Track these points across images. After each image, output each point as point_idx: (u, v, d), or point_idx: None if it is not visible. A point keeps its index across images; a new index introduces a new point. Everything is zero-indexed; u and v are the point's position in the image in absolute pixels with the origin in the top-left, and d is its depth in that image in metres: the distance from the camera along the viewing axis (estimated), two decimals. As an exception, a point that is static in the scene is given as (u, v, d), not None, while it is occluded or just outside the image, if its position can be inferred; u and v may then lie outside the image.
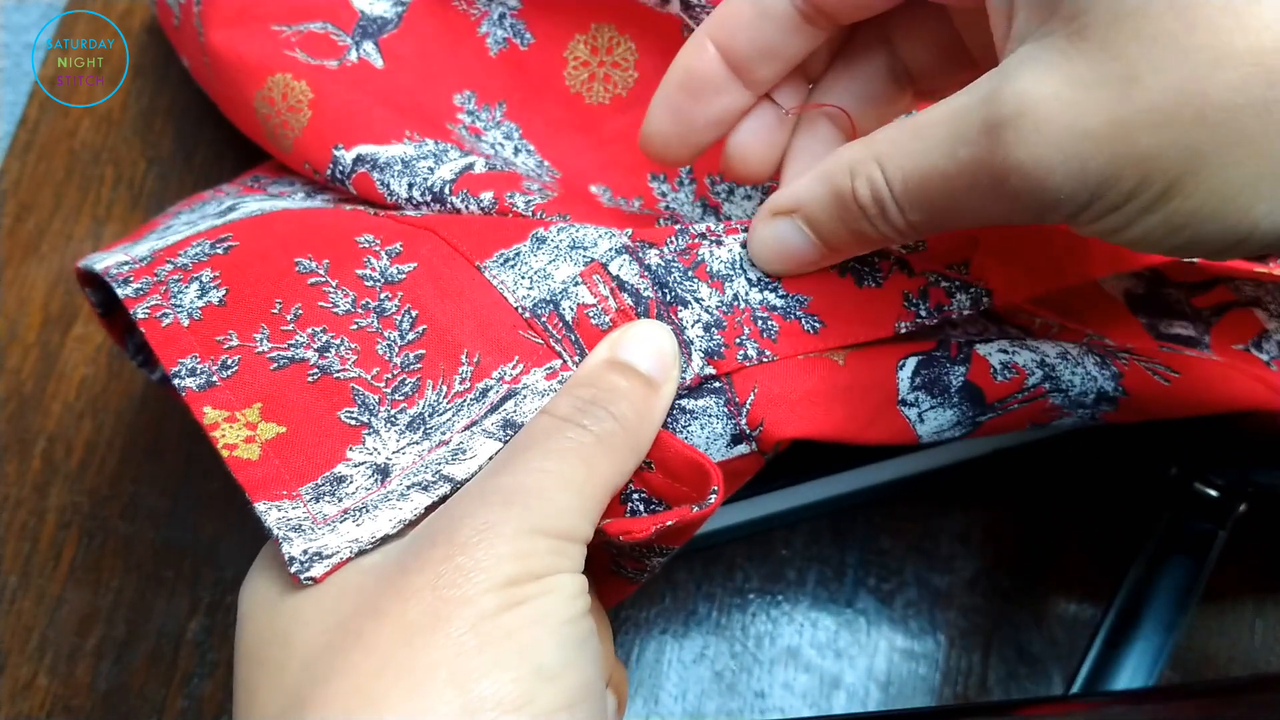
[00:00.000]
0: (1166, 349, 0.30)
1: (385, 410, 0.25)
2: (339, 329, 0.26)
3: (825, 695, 0.37)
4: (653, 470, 0.25)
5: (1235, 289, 0.32)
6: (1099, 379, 0.28)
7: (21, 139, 0.43)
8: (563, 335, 0.26)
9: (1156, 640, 0.33)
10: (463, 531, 0.21)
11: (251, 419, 0.24)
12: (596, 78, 0.35)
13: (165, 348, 0.25)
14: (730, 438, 0.26)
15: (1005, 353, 0.28)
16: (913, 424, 0.28)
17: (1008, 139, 0.20)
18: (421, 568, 0.21)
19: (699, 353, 0.26)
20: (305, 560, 0.22)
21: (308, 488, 0.24)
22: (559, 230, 0.28)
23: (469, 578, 0.21)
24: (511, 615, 0.21)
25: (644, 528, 0.23)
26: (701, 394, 0.26)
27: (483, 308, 0.26)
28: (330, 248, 0.27)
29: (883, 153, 0.23)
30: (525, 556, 0.21)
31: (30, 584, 0.38)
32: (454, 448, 0.25)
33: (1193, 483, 0.34)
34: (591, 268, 0.27)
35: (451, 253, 0.27)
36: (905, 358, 0.28)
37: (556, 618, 0.21)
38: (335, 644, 0.21)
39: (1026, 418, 0.29)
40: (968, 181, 0.22)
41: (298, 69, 0.33)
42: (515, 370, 0.26)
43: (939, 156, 0.22)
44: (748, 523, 0.37)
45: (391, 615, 0.21)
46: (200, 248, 0.27)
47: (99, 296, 0.30)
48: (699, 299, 0.27)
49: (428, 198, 0.30)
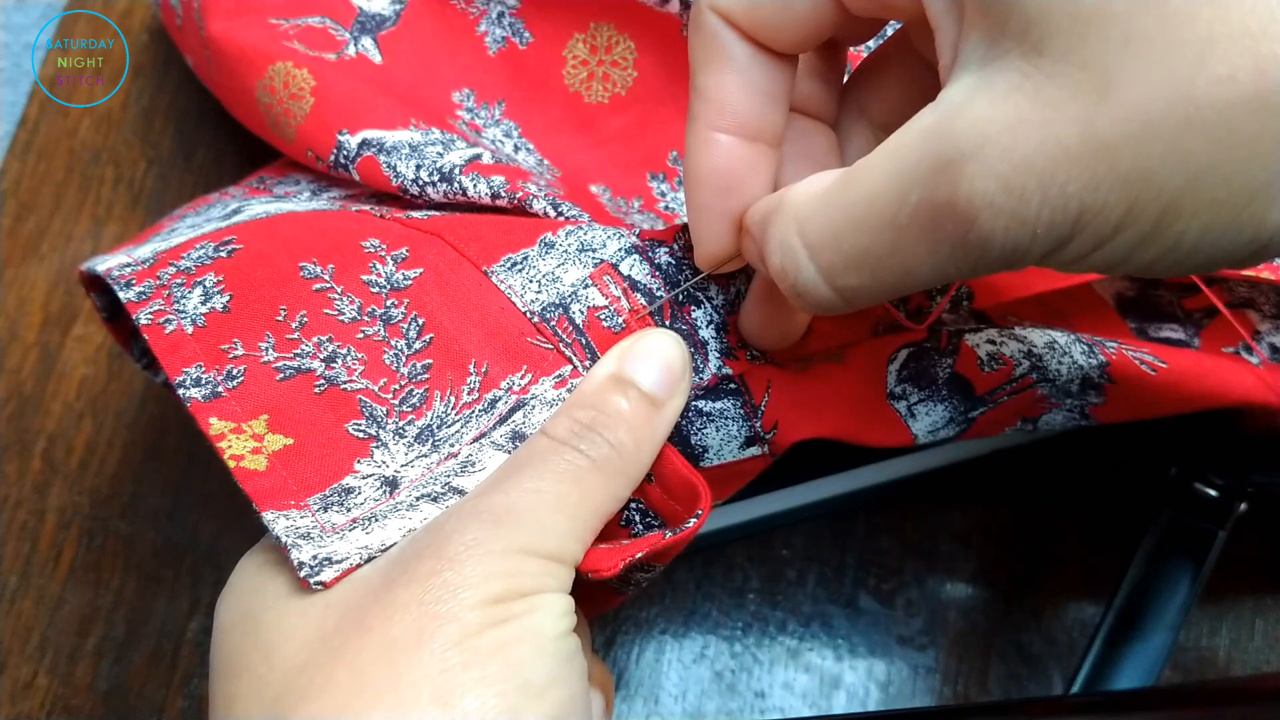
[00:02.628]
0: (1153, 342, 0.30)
1: (393, 423, 0.25)
2: (345, 338, 0.25)
3: (825, 695, 0.37)
4: (653, 483, 0.25)
5: (1228, 289, 0.32)
6: (1085, 366, 0.28)
7: (21, 139, 0.43)
8: (573, 339, 0.26)
9: (1156, 640, 0.33)
10: (451, 547, 0.21)
11: (259, 430, 0.24)
12: (596, 77, 0.35)
13: (169, 356, 0.25)
14: (744, 440, 0.26)
15: (993, 343, 0.28)
16: (904, 418, 0.28)
17: (969, 172, 0.17)
18: (408, 582, 0.21)
19: (715, 353, 0.26)
20: (315, 565, 0.22)
21: (315, 498, 0.23)
22: (567, 234, 0.27)
23: (456, 594, 0.20)
24: (498, 631, 0.20)
25: (612, 566, 0.23)
26: (720, 396, 0.26)
27: (490, 314, 0.26)
28: (336, 252, 0.27)
29: (805, 214, 0.21)
30: (513, 575, 0.21)
31: (30, 584, 0.38)
32: (463, 460, 0.24)
33: (1193, 483, 0.34)
34: (602, 269, 0.26)
35: (458, 258, 0.27)
36: (897, 350, 0.28)
37: (544, 634, 0.21)
38: (318, 659, 0.21)
39: (1015, 410, 0.29)
40: (924, 232, 0.19)
41: (298, 58, 0.33)
42: (524, 380, 0.25)
43: (885, 207, 0.19)
44: (748, 523, 0.37)
45: (376, 631, 0.20)
46: (204, 250, 0.27)
47: (104, 301, 0.30)
48: (709, 297, 0.26)
49: (435, 178, 0.30)
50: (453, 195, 0.30)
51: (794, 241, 0.21)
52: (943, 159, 0.18)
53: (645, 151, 0.35)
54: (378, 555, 0.23)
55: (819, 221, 0.20)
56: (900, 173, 0.19)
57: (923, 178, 0.18)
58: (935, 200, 0.18)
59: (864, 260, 0.20)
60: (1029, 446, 0.37)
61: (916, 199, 0.18)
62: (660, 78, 0.35)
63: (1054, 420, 0.30)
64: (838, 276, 0.20)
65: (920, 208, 0.18)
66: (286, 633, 0.22)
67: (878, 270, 0.20)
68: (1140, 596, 0.33)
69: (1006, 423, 0.30)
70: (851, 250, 0.20)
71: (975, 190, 0.17)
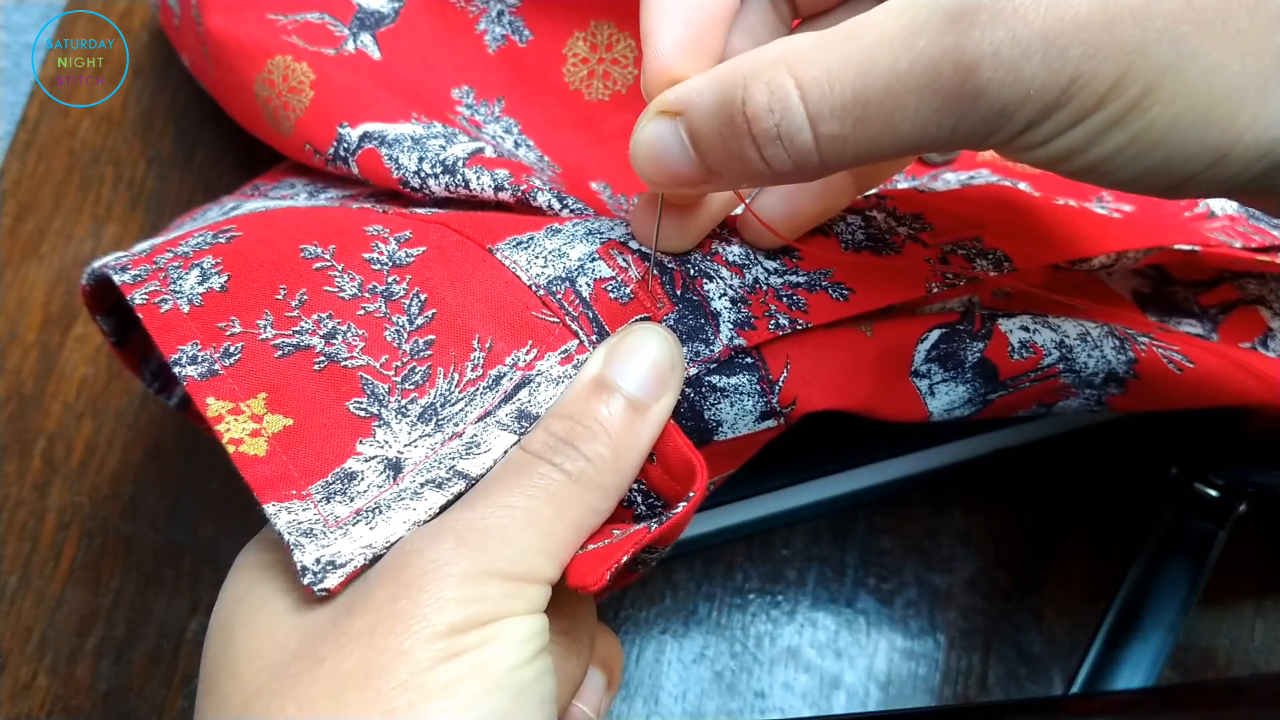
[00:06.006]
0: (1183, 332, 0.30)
1: (395, 400, 0.24)
2: (345, 314, 0.25)
3: (825, 695, 0.37)
4: (654, 463, 0.25)
5: (1240, 286, 0.32)
6: (1113, 361, 0.28)
7: (21, 139, 0.43)
8: (579, 312, 0.25)
9: (1156, 640, 0.33)
10: (408, 571, 0.21)
11: (257, 410, 0.23)
12: (596, 74, 0.35)
13: (164, 334, 0.24)
14: (759, 414, 0.26)
15: (1026, 330, 0.28)
16: (923, 396, 0.28)
17: (981, 21, 0.18)
18: (364, 609, 0.21)
19: (727, 324, 0.25)
20: (319, 571, 0.22)
21: (318, 486, 0.23)
22: (574, 224, 0.27)
23: (408, 625, 0.20)
24: (449, 667, 0.20)
25: (598, 579, 0.22)
26: (734, 371, 0.26)
27: (494, 288, 0.25)
28: (338, 234, 0.26)
29: (796, 58, 0.20)
30: (472, 601, 0.21)
31: (30, 584, 0.38)
32: (467, 441, 0.24)
33: (1193, 483, 0.34)
34: (609, 244, 0.26)
35: (462, 239, 0.27)
36: (929, 330, 0.27)
37: (498, 667, 0.20)
38: (274, 686, 0.20)
39: (1035, 396, 0.29)
40: (921, 80, 0.19)
41: (297, 52, 0.32)
42: (529, 356, 0.25)
43: (886, 53, 0.19)
44: (748, 523, 0.37)
45: (328, 663, 0.20)
46: (202, 238, 0.26)
47: (110, 325, 0.29)
48: (722, 277, 0.26)
49: (438, 170, 0.30)
50: (455, 188, 0.30)
51: (784, 79, 0.20)
52: (955, 10, 0.18)
53: None
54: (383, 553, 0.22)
55: (815, 63, 0.20)
56: (911, 22, 0.19)
57: (935, 25, 0.19)
58: (942, 44, 0.19)
59: (852, 107, 0.20)
60: (1029, 446, 0.37)
61: (923, 44, 0.19)
62: None
63: (1069, 406, 0.30)
64: (822, 121, 0.20)
65: (924, 53, 0.19)
66: (254, 651, 0.21)
67: (863, 120, 0.20)
68: (1140, 596, 0.33)
69: (1022, 406, 0.29)
70: (841, 95, 0.20)
71: (984, 39, 0.18)
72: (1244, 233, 0.31)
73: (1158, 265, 0.33)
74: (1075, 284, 0.31)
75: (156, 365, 0.31)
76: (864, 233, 0.28)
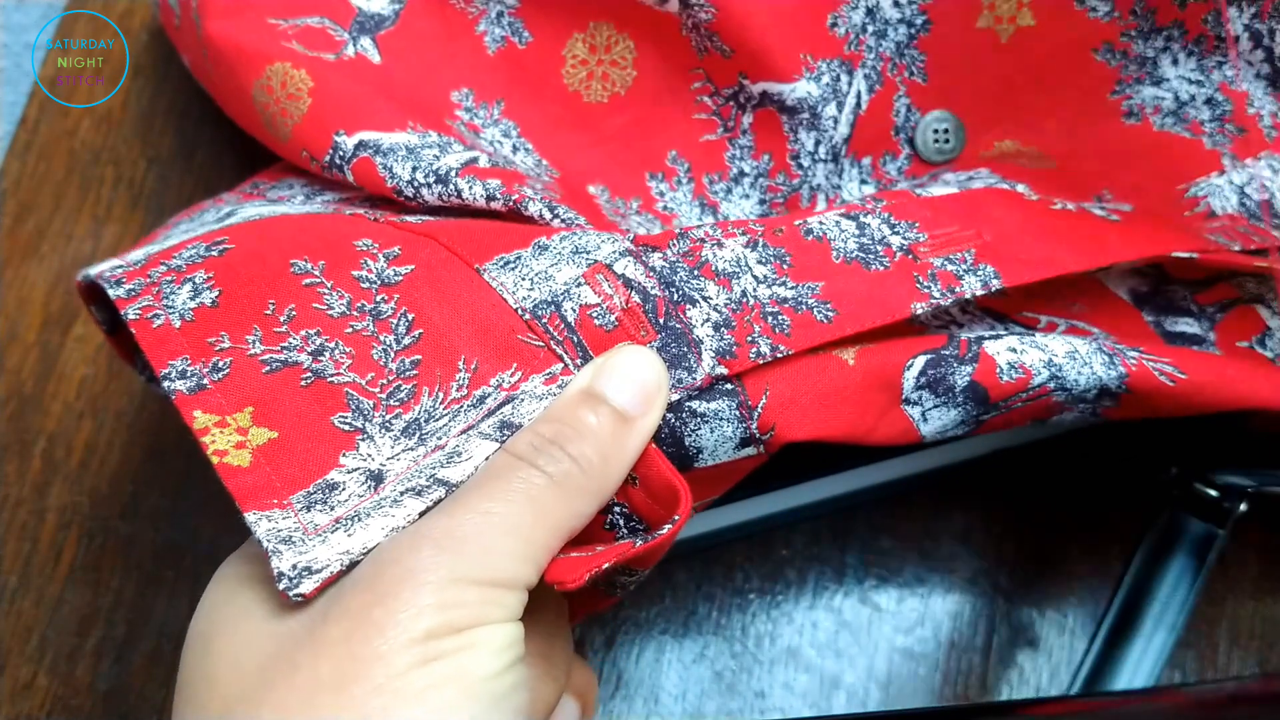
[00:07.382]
0: (1174, 347, 0.30)
1: (380, 415, 0.24)
2: (334, 332, 0.25)
3: (825, 695, 0.37)
4: (636, 486, 0.25)
5: (1238, 285, 0.32)
6: (1104, 377, 0.28)
7: (21, 139, 0.43)
8: (564, 337, 0.26)
9: (1156, 640, 0.33)
10: (385, 579, 0.21)
11: (243, 424, 0.24)
12: (595, 76, 0.35)
13: (155, 349, 0.25)
14: (739, 441, 0.26)
15: (1014, 351, 0.28)
16: (916, 423, 0.28)
17: None
18: (340, 616, 0.21)
19: (709, 352, 0.26)
20: (294, 576, 0.22)
21: (299, 495, 0.23)
22: (561, 238, 0.27)
23: (384, 631, 0.20)
24: (424, 673, 0.20)
25: (577, 578, 0.22)
26: (714, 396, 0.26)
27: (481, 311, 0.26)
28: (327, 249, 0.27)
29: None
30: (448, 608, 0.20)
31: (30, 584, 0.38)
32: (449, 451, 0.24)
33: (1193, 483, 0.34)
34: (595, 268, 0.26)
35: (450, 256, 0.27)
36: (914, 357, 0.27)
37: (474, 674, 0.20)
38: (251, 694, 0.21)
39: (1029, 415, 0.29)
40: None
41: (296, 59, 0.32)
42: (513, 378, 0.25)
43: None
44: (748, 523, 0.37)
45: (304, 670, 0.20)
46: (195, 250, 0.27)
47: (104, 315, 0.29)
48: (707, 297, 0.26)
49: (431, 179, 0.30)
50: (448, 198, 0.30)
51: None
52: None
53: (644, 151, 0.35)
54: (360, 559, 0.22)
55: None
56: None
57: None
58: None
59: None
60: (1029, 446, 0.37)
61: None
62: (660, 77, 0.35)
63: (1064, 420, 0.30)
64: None
65: None
66: (231, 659, 0.21)
67: None
68: (1140, 597, 0.33)
69: (1017, 424, 0.30)
70: None
71: None
72: (1244, 233, 0.31)
73: (1156, 264, 0.33)
74: (1073, 283, 0.31)
75: None
76: (856, 241, 0.28)
